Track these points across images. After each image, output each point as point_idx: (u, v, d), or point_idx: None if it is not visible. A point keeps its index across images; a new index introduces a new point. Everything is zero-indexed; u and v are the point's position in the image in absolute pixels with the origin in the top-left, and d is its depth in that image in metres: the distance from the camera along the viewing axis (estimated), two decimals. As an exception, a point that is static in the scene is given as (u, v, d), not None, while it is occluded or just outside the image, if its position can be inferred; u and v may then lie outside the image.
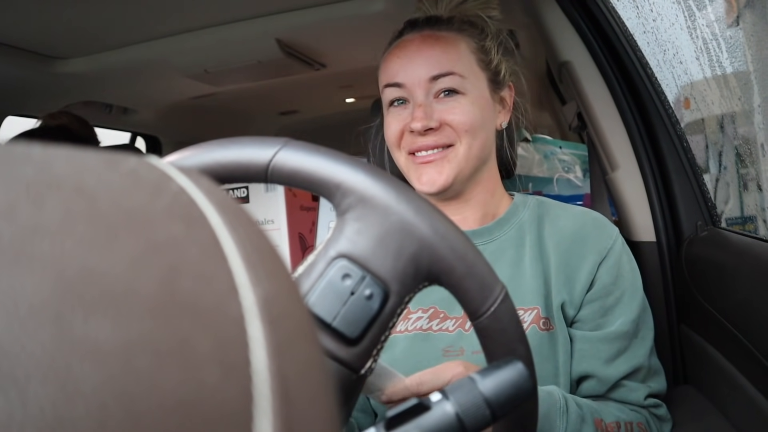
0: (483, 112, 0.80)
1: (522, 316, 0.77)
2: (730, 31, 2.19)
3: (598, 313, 0.78)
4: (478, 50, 0.81)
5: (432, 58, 0.78)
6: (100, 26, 1.19)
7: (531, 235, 0.82)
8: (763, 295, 0.74)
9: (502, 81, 0.84)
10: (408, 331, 0.79)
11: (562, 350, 0.77)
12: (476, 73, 0.80)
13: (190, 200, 0.16)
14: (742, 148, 2.66)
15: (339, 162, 0.42)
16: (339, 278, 0.40)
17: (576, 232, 0.81)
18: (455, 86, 0.78)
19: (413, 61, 0.79)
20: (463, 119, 0.78)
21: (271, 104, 2.14)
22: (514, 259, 0.81)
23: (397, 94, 0.81)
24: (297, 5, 1.20)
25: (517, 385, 0.36)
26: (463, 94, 0.78)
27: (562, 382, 0.76)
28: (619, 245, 0.81)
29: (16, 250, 0.12)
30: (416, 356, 0.77)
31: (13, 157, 0.14)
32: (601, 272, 0.79)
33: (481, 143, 0.80)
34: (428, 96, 0.79)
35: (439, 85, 0.78)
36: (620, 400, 0.78)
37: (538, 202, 0.87)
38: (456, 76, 0.78)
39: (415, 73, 0.79)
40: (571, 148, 1.22)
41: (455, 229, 0.42)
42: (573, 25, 1.06)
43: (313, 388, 0.16)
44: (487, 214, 0.86)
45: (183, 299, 0.14)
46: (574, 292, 0.78)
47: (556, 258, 0.80)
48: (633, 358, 0.78)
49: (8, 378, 0.11)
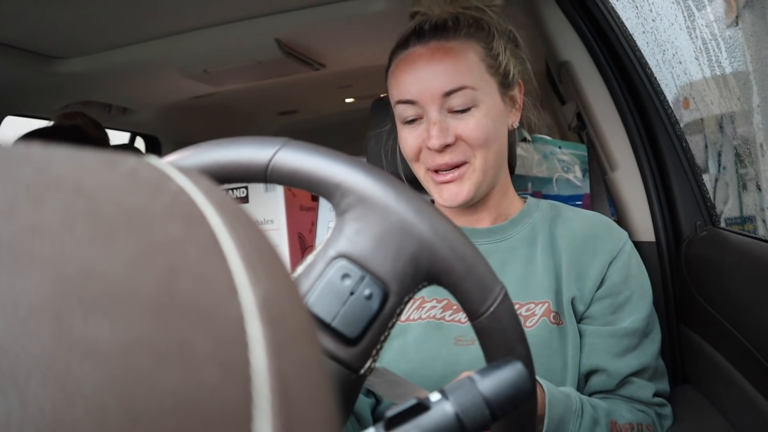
0: (496, 122, 0.81)
1: (533, 309, 0.79)
2: (729, 31, 2.19)
3: (608, 310, 0.80)
4: (487, 55, 0.81)
5: (443, 73, 0.78)
6: (100, 26, 1.19)
7: (543, 234, 0.84)
8: (762, 295, 0.74)
9: (511, 81, 0.84)
10: (421, 319, 0.81)
11: (571, 344, 0.78)
12: (487, 81, 0.80)
13: (189, 200, 0.16)
14: (741, 148, 2.66)
15: (338, 162, 0.42)
16: (338, 278, 0.40)
17: (588, 233, 0.83)
18: (468, 101, 0.78)
19: (424, 78, 0.79)
20: (477, 134, 0.78)
21: (271, 104, 2.14)
22: (526, 256, 0.83)
23: (410, 111, 0.81)
24: (296, 5, 1.20)
25: (516, 385, 0.36)
26: (476, 107, 0.79)
27: (570, 375, 0.77)
28: (629, 248, 0.83)
29: (16, 251, 0.12)
30: (428, 343, 0.79)
31: (13, 158, 0.14)
32: (611, 271, 0.81)
33: (495, 153, 0.81)
34: (442, 111, 0.79)
35: (452, 101, 0.78)
36: (629, 397, 0.79)
37: (550, 205, 0.89)
38: (468, 89, 0.78)
39: (427, 89, 0.78)
40: (570, 148, 1.22)
41: (455, 229, 0.42)
42: (572, 25, 1.06)
43: (312, 388, 0.16)
44: (501, 214, 0.88)
45: (182, 299, 0.14)
46: (584, 289, 0.80)
47: (568, 256, 0.82)
48: (642, 356, 0.79)
49: (8, 378, 0.11)
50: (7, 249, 0.12)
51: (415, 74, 0.79)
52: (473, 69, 0.79)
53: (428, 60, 0.79)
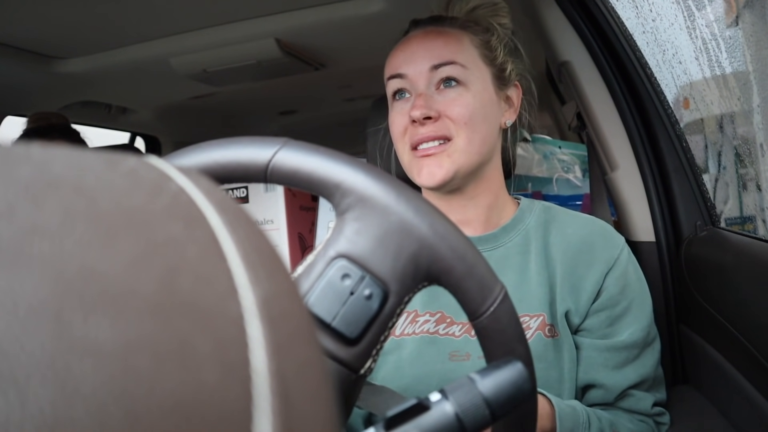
0: (485, 108, 0.80)
1: (527, 322, 0.77)
2: (729, 31, 2.19)
3: (605, 322, 0.78)
4: (482, 45, 0.81)
5: (434, 49, 0.79)
6: (100, 26, 1.19)
7: (537, 242, 0.82)
8: (762, 295, 0.74)
9: (507, 78, 0.84)
10: (415, 334, 0.79)
11: (567, 357, 0.77)
12: (479, 66, 0.80)
13: (189, 200, 0.16)
14: (741, 148, 2.66)
15: (338, 162, 0.42)
16: (338, 278, 0.40)
17: (583, 240, 0.81)
18: (456, 75, 0.78)
19: (415, 53, 0.80)
20: (462, 111, 0.77)
21: (271, 104, 2.14)
22: (519, 265, 0.81)
23: (399, 85, 0.81)
24: (296, 5, 1.20)
25: (516, 385, 0.36)
26: (465, 86, 0.79)
27: (567, 388, 0.76)
28: (625, 255, 0.81)
29: (16, 250, 0.12)
30: (423, 358, 0.77)
31: (13, 158, 0.14)
32: (608, 282, 0.78)
33: (481, 138, 0.79)
34: (429, 86, 0.79)
35: (440, 74, 0.79)
36: (628, 409, 0.78)
37: (544, 208, 0.86)
38: (457, 65, 0.78)
39: (416, 62, 0.79)
40: (570, 148, 1.22)
41: (455, 229, 0.42)
42: (572, 25, 1.06)
43: (312, 388, 0.16)
44: (492, 218, 0.85)
45: (182, 299, 0.14)
46: (579, 301, 0.78)
47: (562, 266, 0.79)
48: (641, 368, 0.78)
49: (8, 378, 0.11)
50: (6, 249, 0.12)
51: (407, 51, 0.81)
52: (465, 50, 0.80)
53: (421, 39, 0.81)
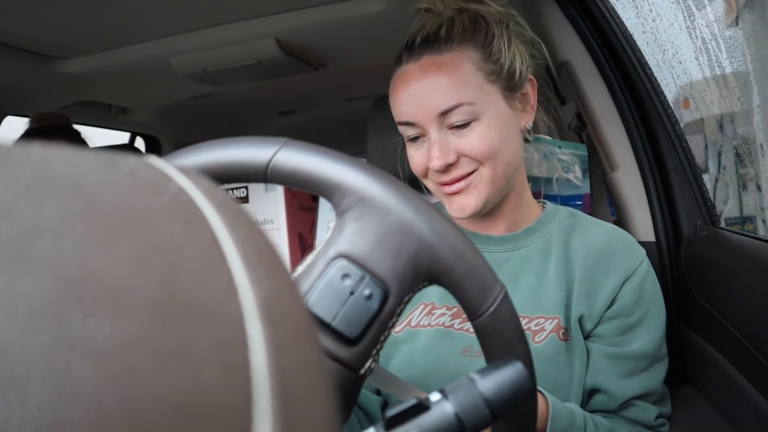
0: (503, 131, 0.77)
1: (542, 324, 0.77)
2: (729, 31, 2.19)
3: (617, 330, 0.78)
4: (486, 61, 0.76)
5: (436, 91, 0.75)
6: (100, 26, 1.19)
7: (558, 246, 0.82)
8: (762, 294, 0.74)
9: (518, 81, 0.79)
10: (431, 326, 0.80)
11: (578, 361, 0.77)
12: (486, 90, 0.76)
13: (189, 200, 0.16)
14: (741, 148, 2.66)
15: (338, 162, 0.42)
16: (338, 278, 0.40)
17: (604, 248, 0.81)
18: (465, 117, 0.75)
19: (418, 98, 0.76)
20: (481, 147, 0.75)
21: (271, 104, 2.14)
22: (539, 268, 0.81)
23: (411, 132, 0.79)
24: (296, 5, 1.20)
25: (516, 384, 0.36)
26: (477, 120, 0.75)
27: (575, 392, 0.76)
28: (644, 267, 0.80)
29: (16, 250, 0.12)
30: (436, 351, 0.78)
31: (13, 157, 0.14)
32: (624, 292, 0.78)
33: (505, 162, 0.77)
34: (441, 130, 0.76)
35: (449, 120, 0.75)
36: (630, 419, 0.78)
37: (569, 214, 0.86)
38: (465, 106, 0.74)
39: (423, 110, 0.75)
40: (570, 148, 1.22)
41: (455, 229, 0.42)
42: (572, 25, 1.06)
43: (312, 388, 0.16)
44: (516, 219, 0.85)
45: (182, 299, 0.14)
46: (594, 308, 0.78)
47: (581, 271, 0.79)
48: (649, 380, 0.78)
49: (7, 378, 0.11)
50: (6, 248, 0.12)
51: (409, 95, 0.77)
52: (469, 82, 0.75)
53: (420, 78, 0.76)
